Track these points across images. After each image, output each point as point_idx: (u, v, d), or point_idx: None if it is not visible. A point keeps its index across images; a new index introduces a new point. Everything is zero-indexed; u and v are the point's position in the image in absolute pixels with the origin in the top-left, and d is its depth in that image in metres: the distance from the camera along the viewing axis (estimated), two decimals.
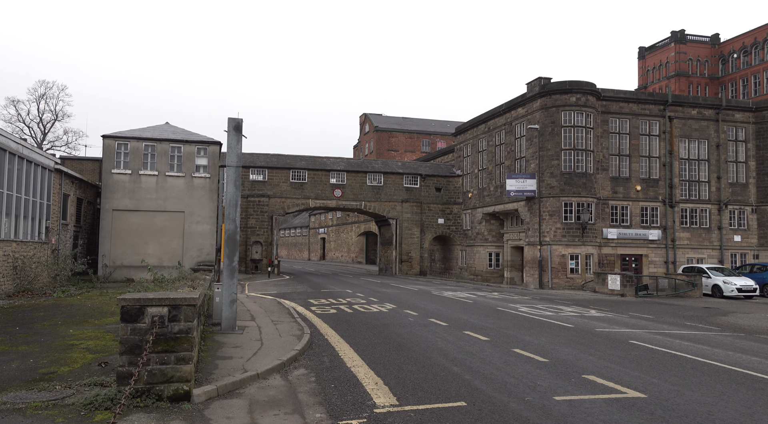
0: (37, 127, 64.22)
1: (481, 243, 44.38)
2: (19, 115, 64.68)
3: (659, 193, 37.23)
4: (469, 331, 13.41)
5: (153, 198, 33.29)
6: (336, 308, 18.27)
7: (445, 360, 9.90)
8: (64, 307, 17.79)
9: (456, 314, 17.30)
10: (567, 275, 34.75)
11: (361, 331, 13.41)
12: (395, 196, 47.20)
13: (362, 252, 75.55)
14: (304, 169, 45.56)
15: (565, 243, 34.87)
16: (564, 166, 35.33)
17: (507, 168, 40.38)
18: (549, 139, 35.72)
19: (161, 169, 33.50)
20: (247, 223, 43.77)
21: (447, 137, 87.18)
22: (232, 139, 12.52)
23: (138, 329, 7.15)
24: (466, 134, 47.59)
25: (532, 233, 36.93)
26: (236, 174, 12.54)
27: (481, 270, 44.02)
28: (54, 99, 70.35)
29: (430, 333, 13.06)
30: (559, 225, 35.10)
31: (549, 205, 35.58)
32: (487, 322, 15.30)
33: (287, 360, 9.68)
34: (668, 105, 37.39)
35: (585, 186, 35.13)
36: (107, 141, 32.93)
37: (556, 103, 35.65)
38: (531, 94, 37.20)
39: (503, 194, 40.55)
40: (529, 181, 36.58)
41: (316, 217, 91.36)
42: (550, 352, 10.73)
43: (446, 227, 48.18)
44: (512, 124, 39.97)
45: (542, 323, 15.22)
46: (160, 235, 33.30)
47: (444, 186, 48.41)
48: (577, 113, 35.31)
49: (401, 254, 47.04)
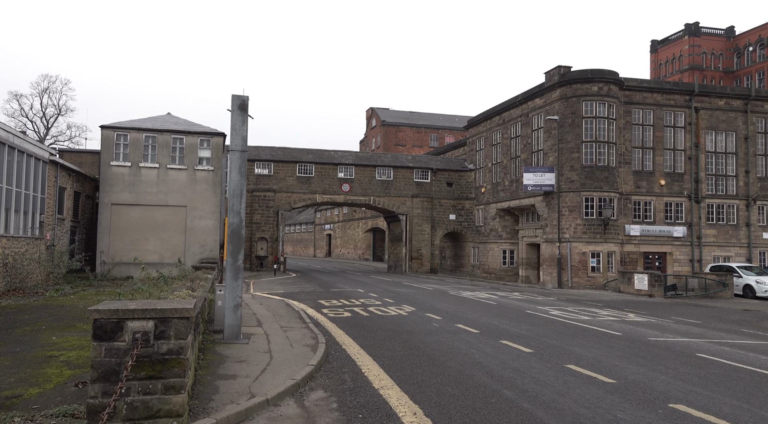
0: (40, 122, 62.91)
1: (495, 240, 42.70)
2: (22, 110, 63.43)
3: (684, 187, 35.44)
4: (507, 340, 11.78)
5: (154, 192, 31.75)
6: (350, 311, 16.67)
7: (491, 380, 8.27)
8: (54, 308, 16.26)
9: (483, 318, 15.66)
10: (588, 273, 33.05)
11: (383, 339, 11.80)
12: (405, 191, 45.55)
13: (369, 249, 73.98)
14: (311, 162, 43.96)
15: (586, 240, 33.16)
16: (585, 159, 33.58)
17: (523, 162, 38.66)
18: (569, 130, 33.98)
19: (162, 162, 31.95)
20: (252, 218, 42.23)
21: (455, 132, 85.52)
22: (236, 119, 10.90)
23: (115, 350, 5.54)
24: (478, 127, 45.86)
25: (550, 230, 35.23)
26: (241, 160, 10.93)
27: (495, 268, 42.36)
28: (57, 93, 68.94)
29: (462, 343, 11.44)
30: (580, 221, 33.39)
31: (568, 200, 33.86)
32: (522, 328, 13.65)
33: (302, 379, 8.08)
34: (694, 95, 35.55)
35: (607, 180, 33.39)
36: (106, 132, 31.38)
37: (577, 92, 33.89)
38: (550, 84, 35.44)
39: (519, 189, 38.86)
40: (547, 175, 34.87)
41: (322, 213, 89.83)
42: (613, 369, 9.09)
43: (458, 223, 46.51)
44: (529, 116, 38.22)
45: (585, 331, 13.57)
46: (161, 230, 31.78)
47: (456, 181, 46.71)
48: (599, 103, 33.54)
49: (411, 251, 45.41)
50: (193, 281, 14.28)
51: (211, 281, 15.10)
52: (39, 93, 65.54)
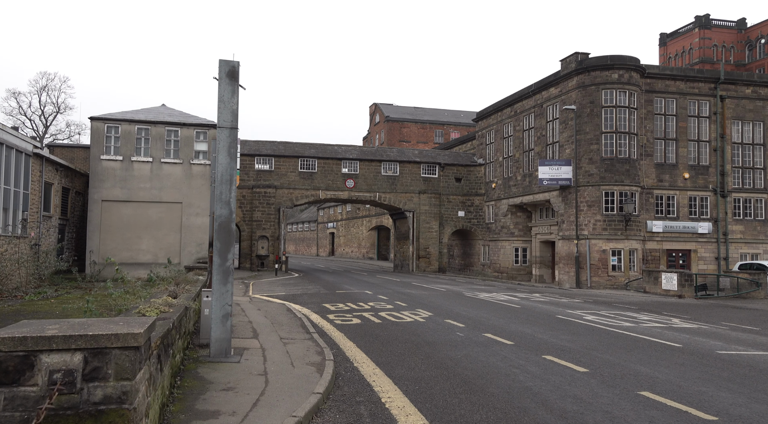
0: (39, 120, 61.20)
1: (507, 237, 40.75)
2: (20, 108, 61.76)
3: (709, 181, 33.44)
4: (551, 355, 9.86)
5: (147, 187, 29.90)
6: (359, 317, 14.78)
7: (553, 417, 6.36)
8: (26, 315, 14.36)
9: (512, 325, 13.75)
10: (608, 272, 31.10)
11: (401, 354, 9.91)
12: (412, 186, 43.63)
13: (374, 247, 72.09)
14: (314, 157, 42.06)
15: (606, 237, 31.20)
16: (604, 151, 31.62)
17: (537, 155, 36.69)
18: (587, 121, 32.00)
19: (156, 155, 30.09)
20: (252, 216, 40.40)
21: (461, 127, 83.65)
22: (225, 89, 8.99)
23: (20, 399, 3.65)
24: (488, 119, 43.89)
25: (567, 226, 33.28)
26: (231, 138, 9.02)
27: (507, 267, 40.43)
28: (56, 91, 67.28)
29: (498, 358, 9.53)
30: (599, 217, 31.44)
31: (587, 194, 31.90)
32: (561, 339, 11.74)
33: (306, 415, 6.18)
34: (719, 83, 33.53)
35: (628, 173, 31.42)
36: (95, 124, 29.51)
37: (596, 80, 31.91)
38: (566, 72, 33.46)
39: (533, 184, 36.91)
40: (564, 168, 32.92)
41: (325, 211, 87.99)
42: (704, 399, 7.17)
43: (467, 220, 44.57)
44: (543, 106, 36.25)
45: (636, 342, 11.63)
46: (155, 228, 29.92)
47: (464, 176, 44.77)
48: (620, 92, 31.57)
49: (418, 249, 43.50)
50: (179, 285, 12.39)
51: (201, 284, 13.22)
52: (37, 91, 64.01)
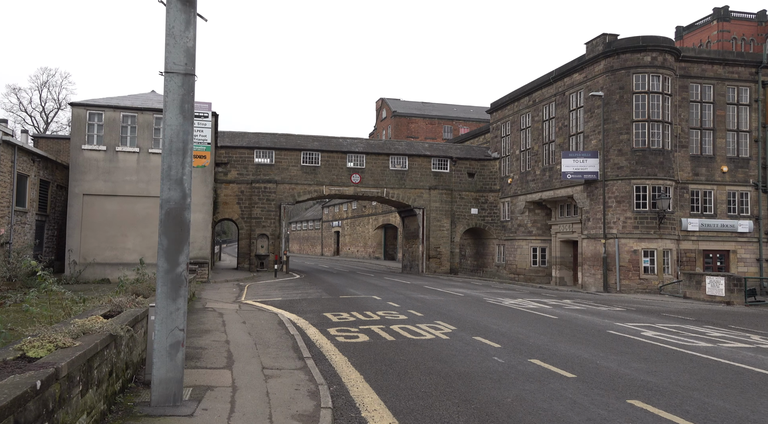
0: (39, 117, 58.89)
1: (524, 236, 37.90)
2: (20, 104, 59.53)
3: (750, 175, 30.47)
4: (638, 399, 7.04)
5: (133, 180, 27.26)
6: (366, 331, 12.05)
7: None
8: None
9: (559, 344, 10.97)
10: (640, 275, 28.21)
11: (427, 393, 7.16)
12: (422, 182, 40.83)
13: (380, 247, 69.33)
14: (317, 150, 39.34)
15: (638, 236, 28.32)
16: (635, 141, 28.74)
17: (559, 147, 33.82)
18: (616, 108, 29.12)
19: (143, 145, 27.44)
20: (251, 212, 37.73)
21: (471, 123, 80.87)
22: (175, 18, 6.22)
23: None
24: (503, 110, 41.02)
25: (593, 224, 30.41)
26: (185, 89, 6.25)
27: (524, 268, 37.58)
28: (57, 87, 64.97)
29: (566, 406, 6.75)
30: (630, 214, 28.56)
31: (616, 189, 29.03)
32: (635, 368, 8.92)
33: None
34: (761, 67, 30.54)
35: (662, 166, 28.53)
36: (76, 110, 26.88)
37: (626, 64, 29.01)
38: (592, 56, 30.56)
39: (553, 178, 34.05)
40: (590, 160, 30.05)
41: (330, 209, 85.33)
42: None
43: (480, 218, 41.72)
44: (565, 94, 33.37)
45: (740, 375, 8.77)
46: (142, 225, 27.28)
47: (478, 171, 41.92)
48: (653, 76, 28.66)
49: (429, 249, 40.69)
50: (138, 295, 9.70)
51: None
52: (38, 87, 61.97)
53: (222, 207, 37.52)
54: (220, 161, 37.60)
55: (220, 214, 37.56)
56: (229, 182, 37.75)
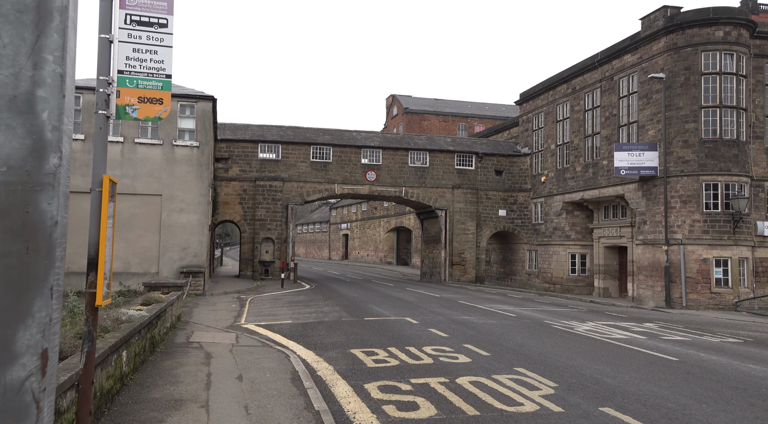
0: None
1: (560, 241, 33.69)
2: None
3: None
4: None
5: (116, 175, 23.23)
6: (425, 391, 7.97)
7: None
8: None
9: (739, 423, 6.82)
10: (711, 288, 23.97)
11: None
12: (444, 180, 36.71)
13: (392, 251, 65.19)
14: (329, 145, 35.28)
15: (708, 242, 24.10)
16: (704, 131, 24.55)
17: (605, 139, 29.62)
18: (680, 93, 24.93)
19: (128, 134, 23.47)
20: (255, 214, 33.68)
21: (486, 120, 76.78)
22: None
23: None
24: (536, 101, 36.84)
25: (650, 228, 26.20)
26: None
27: (560, 277, 33.36)
28: None
29: None
30: (698, 216, 24.34)
31: (681, 187, 24.82)
32: None
33: None
34: None
35: (736, 159, 24.32)
36: None
37: (693, 40, 24.82)
38: (650, 32, 26.37)
39: (598, 175, 29.86)
40: (647, 153, 25.86)
41: (338, 210, 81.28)
42: None
43: (509, 221, 37.53)
44: (613, 79, 29.18)
45: None
46: (126, 228, 23.27)
47: (506, 168, 37.76)
48: (725, 54, 24.47)
49: (452, 254, 36.54)
50: None
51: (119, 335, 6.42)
52: None
53: (222, 208, 33.49)
54: (220, 156, 33.60)
55: (220, 215, 33.53)
56: (231, 180, 33.73)
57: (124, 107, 4.41)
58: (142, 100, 4.42)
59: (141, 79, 4.45)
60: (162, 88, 4.50)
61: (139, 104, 4.44)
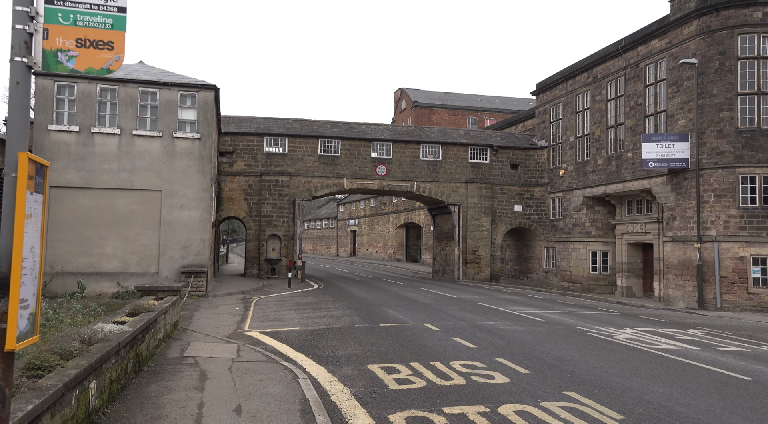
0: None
1: (580, 238, 32.10)
2: None
3: None
4: None
5: (114, 169, 21.91)
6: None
7: None
8: None
9: None
10: (748, 288, 22.36)
11: None
12: (457, 174, 35.18)
13: (402, 247, 63.73)
14: (337, 138, 33.81)
15: (745, 239, 22.48)
16: (741, 120, 22.90)
17: (630, 130, 27.97)
18: (715, 79, 23.26)
19: (126, 126, 22.09)
20: (260, 210, 32.32)
21: (497, 114, 75.20)
22: None
23: None
24: (553, 91, 35.18)
25: (680, 224, 24.59)
26: None
27: (580, 275, 31.79)
28: None
29: None
30: (734, 211, 22.71)
31: (714, 180, 23.19)
32: None
33: None
34: None
35: None
36: (42, 81, 21.52)
37: (728, 22, 23.13)
38: (680, 15, 24.70)
39: (622, 168, 28.24)
40: (678, 144, 24.22)
41: (346, 206, 79.87)
42: None
43: (525, 217, 35.97)
44: (639, 66, 27.51)
45: None
46: (124, 225, 21.93)
47: (522, 162, 36.16)
48: (765, 38, 22.79)
49: (466, 252, 35.04)
50: None
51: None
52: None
53: (227, 203, 32.13)
54: (224, 150, 32.24)
55: (225, 211, 32.18)
56: (235, 175, 32.36)
57: (55, 53, 3.00)
58: (81, 43, 3.01)
59: (80, 12, 3.03)
60: (113, 27, 3.08)
61: (78, 49, 3.03)
